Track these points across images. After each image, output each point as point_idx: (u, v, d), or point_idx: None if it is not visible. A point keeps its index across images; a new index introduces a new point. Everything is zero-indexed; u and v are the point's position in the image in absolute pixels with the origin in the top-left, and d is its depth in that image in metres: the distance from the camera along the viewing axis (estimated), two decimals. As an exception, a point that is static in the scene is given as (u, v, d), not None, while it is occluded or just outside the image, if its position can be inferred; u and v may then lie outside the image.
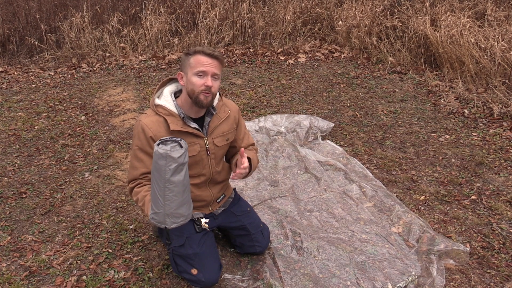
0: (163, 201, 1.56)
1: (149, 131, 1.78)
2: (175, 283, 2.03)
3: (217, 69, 1.78)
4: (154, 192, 1.58)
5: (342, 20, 5.84)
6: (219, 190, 2.05)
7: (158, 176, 1.54)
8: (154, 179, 1.57)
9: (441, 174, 2.92)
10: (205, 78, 1.75)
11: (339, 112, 3.96)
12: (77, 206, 2.67)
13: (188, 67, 1.77)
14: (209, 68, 1.75)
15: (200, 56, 1.75)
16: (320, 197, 2.64)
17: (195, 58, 1.75)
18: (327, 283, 1.97)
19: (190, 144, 1.85)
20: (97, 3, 6.42)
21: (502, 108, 3.71)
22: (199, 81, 1.75)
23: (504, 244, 2.25)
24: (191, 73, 1.76)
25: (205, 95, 1.76)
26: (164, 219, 1.60)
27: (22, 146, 3.46)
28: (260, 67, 5.29)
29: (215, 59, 1.76)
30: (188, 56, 1.78)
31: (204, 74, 1.75)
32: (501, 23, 4.85)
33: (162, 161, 1.52)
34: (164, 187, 1.54)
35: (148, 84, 4.78)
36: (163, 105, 1.83)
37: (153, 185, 1.58)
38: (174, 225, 1.61)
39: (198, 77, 1.75)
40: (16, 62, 5.63)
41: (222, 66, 1.81)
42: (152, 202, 1.61)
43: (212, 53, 1.75)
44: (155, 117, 1.82)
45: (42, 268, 2.15)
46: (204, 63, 1.74)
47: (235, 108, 2.03)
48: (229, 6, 6.24)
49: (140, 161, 1.82)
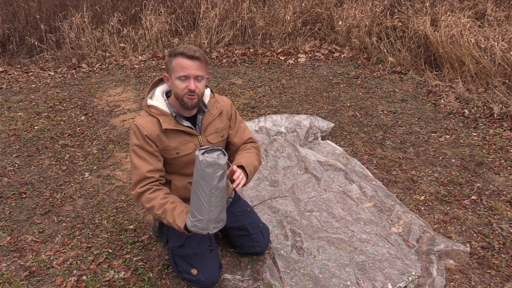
0: (208, 207, 1.61)
1: (144, 130, 1.79)
2: (175, 283, 2.03)
3: (199, 70, 1.74)
4: (199, 199, 1.61)
5: (342, 20, 5.84)
6: None
7: (204, 183, 1.59)
8: (198, 187, 1.60)
9: (441, 174, 2.92)
10: (187, 82, 1.73)
11: (339, 112, 3.96)
12: (77, 206, 2.67)
13: (171, 70, 1.76)
14: (190, 71, 1.72)
15: (181, 59, 1.71)
16: (320, 197, 2.64)
17: (176, 61, 1.72)
18: (327, 283, 1.97)
19: (184, 143, 1.85)
20: (97, 3, 6.42)
21: (502, 108, 3.71)
22: (182, 85, 1.74)
23: (504, 244, 2.25)
24: (174, 77, 1.75)
25: (190, 97, 1.76)
26: (207, 225, 1.64)
27: (22, 146, 3.46)
28: (260, 67, 5.29)
29: (196, 60, 1.72)
30: (171, 58, 1.75)
31: (186, 77, 1.73)
32: (501, 23, 4.85)
33: (210, 169, 1.57)
34: (211, 193, 1.60)
35: (148, 84, 4.78)
36: (155, 105, 1.84)
37: (197, 193, 1.61)
38: (215, 230, 1.66)
39: (180, 81, 1.74)
40: (16, 62, 5.63)
41: (205, 65, 1.77)
42: (194, 210, 1.63)
43: (193, 54, 1.70)
44: (149, 118, 1.82)
45: (42, 268, 2.15)
46: (186, 66, 1.71)
47: (228, 104, 2.02)
48: (229, 6, 6.24)
49: (142, 159, 1.81)
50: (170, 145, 1.84)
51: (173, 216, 1.72)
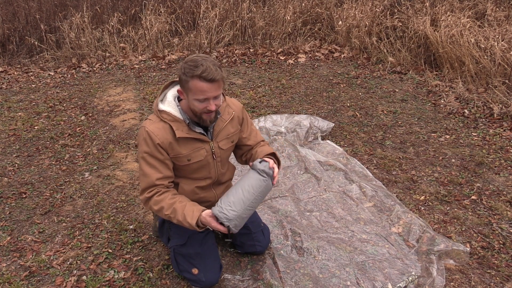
0: (245, 205, 1.72)
1: (156, 138, 1.74)
2: (175, 283, 2.03)
3: (218, 90, 1.68)
4: (242, 194, 1.73)
5: (342, 20, 5.84)
6: (222, 190, 2.05)
7: (256, 184, 1.75)
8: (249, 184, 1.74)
9: (441, 174, 2.92)
10: (206, 102, 1.69)
11: (339, 112, 3.96)
12: (77, 206, 2.67)
13: (188, 90, 1.69)
14: (209, 94, 1.66)
15: (199, 83, 1.63)
16: (320, 197, 2.64)
17: (194, 84, 1.64)
18: (327, 283, 1.97)
19: (196, 150, 1.83)
20: (97, 3, 6.42)
21: (502, 108, 3.71)
22: (201, 106, 1.70)
23: (504, 244, 2.25)
24: (191, 97, 1.69)
25: (208, 115, 1.74)
26: (234, 219, 1.70)
27: (22, 146, 3.46)
28: (260, 67, 5.29)
29: (215, 83, 1.65)
30: (187, 78, 1.66)
31: (205, 100, 1.68)
32: (501, 23, 4.85)
33: (265, 176, 1.76)
34: (255, 196, 1.75)
35: (148, 84, 4.78)
36: (168, 111, 1.79)
37: (245, 188, 1.74)
38: (233, 229, 1.71)
39: (199, 102, 1.69)
40: (16, 62, 5.63)
41: (223, 84, 1.72)
42: (232, 200, 1.71)
43: (213, 77, 1.63)
44: (161, 124, 1.77)
45: (42, 268, 2.15)
46: (205, 90, 1.65)
47: (239, 108, 1.99)
48: (229, 6, 6.24)
49: (152, 167, 1.77)
50: (182, 153, 1.81)
51: (183, 214, 1.71)
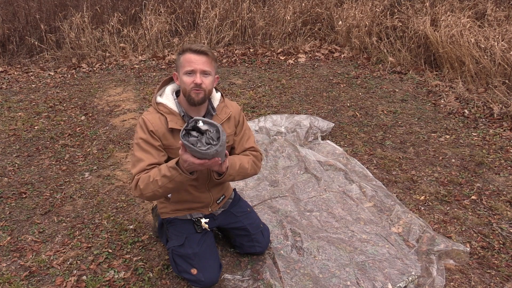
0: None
1: (150, 125, 1.79)
2: (175, 283, 2.03)
3: (206, 65, 1.75)
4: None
5: (342, 20, 5.84)
6: (218, 191, 2.04)
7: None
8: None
9: (441, 174, 2.92)
10: (193, 76, 1.75)
11: (339, 112, 3.96)
12: (77, 206, 2.67)
13: (179, 67, 1.79)
14: (196, 65, 1.74)
15: (188, 55, 1.75)
16: (320, 197, 2.64)
17: (184, 57, 1.76)
18: (327, 283, 1.97)
19: None
20: (97, 3, 6.42)
21: (502, 108, 3.71)
22: (189, 80, 1.75)
23: (504, 244, 2.25)
24: (181, 73, 1.78)
25: (196, 92, 1.75)
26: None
27: (22, 146, 3.46)
28: (260, 67, 5.29)
29: (203, 55, 1.74)
30: (179, 56, 1.79)
31: (193, 72, 1.75)
32: (501, 23, 4.85)
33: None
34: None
35: (148, 84, 4.78)
36: (164, 103, 1.84)
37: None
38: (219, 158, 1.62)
39: (187, 75, 1.76)
40: (16, 62, 5.63)
41: (212, 61, 1.78)
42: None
43: (200, 49, 1.74)
44: (157, 115, 1.83)
45: (42, 268, 2.15)
46: (192, 60, 1.74)
47: (237, 110, 1.99)
48: (229, 6, 6.24)
49: (146, 152, 1.78)
50: (175, 145, 1.82)
51: (164, 167, 1.67)
